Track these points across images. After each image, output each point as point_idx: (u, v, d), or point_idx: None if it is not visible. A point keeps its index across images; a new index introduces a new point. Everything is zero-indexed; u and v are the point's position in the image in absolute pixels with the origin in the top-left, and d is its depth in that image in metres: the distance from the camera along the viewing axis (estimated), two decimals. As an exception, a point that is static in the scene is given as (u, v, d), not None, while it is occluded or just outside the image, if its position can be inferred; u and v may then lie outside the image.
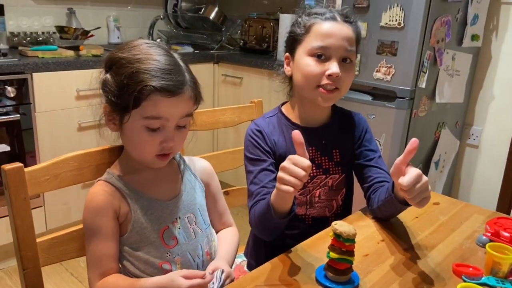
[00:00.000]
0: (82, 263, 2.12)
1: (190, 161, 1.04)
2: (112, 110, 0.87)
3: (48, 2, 2.59)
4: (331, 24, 1.04)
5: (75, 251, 0.96)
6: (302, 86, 1.07)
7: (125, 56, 0.85)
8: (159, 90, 0.81)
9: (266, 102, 1.47)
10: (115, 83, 0.85)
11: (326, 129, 1.13)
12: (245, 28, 2.84)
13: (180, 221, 0.94)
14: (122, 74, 0.84)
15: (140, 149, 0.88)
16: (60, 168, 0.91)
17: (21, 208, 0.85)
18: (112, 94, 0.85)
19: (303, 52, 1.05)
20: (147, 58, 0.84)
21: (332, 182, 1.12)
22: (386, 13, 1.91)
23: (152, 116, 0.83)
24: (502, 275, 0.85)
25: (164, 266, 0.90)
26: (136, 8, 3.03)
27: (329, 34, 1.02)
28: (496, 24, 2.21)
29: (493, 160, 2.32)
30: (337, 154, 1.13)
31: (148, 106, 0.82)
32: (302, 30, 1.06)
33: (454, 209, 1.17)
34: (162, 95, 0.82)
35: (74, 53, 2.24)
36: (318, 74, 1.03)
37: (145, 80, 0.81)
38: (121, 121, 0.86)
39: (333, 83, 1.03)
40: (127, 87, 0.82)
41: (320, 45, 1.02)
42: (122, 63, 0.85)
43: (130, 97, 0.82)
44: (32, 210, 0.88)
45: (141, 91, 0.81)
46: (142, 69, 0.82)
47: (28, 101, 2.00)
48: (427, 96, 2.02)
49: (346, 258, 0.80)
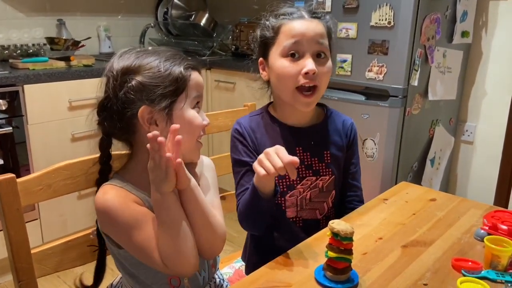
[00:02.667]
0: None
1: (200, 162, 1.01)
2: (154, 110, 0.84)
3: (38, 14, 2.58)
4: (300, 22, 1.03)
5: (71, 261, 0.95)
6: (280, 89, 1.07)
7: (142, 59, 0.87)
8: (193, 67, 0.89)
9: (259, 106, 1.46)
10: (154, 75, 0.85)
11: (314, 130, 1.12)
12: (236, 33, 2.84)
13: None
14: (155, 66, 0.85)
15: (194, 131, 0.90)
16: (53, 177, 0.91)
17: (15, 219, 0.84)
18: (164, 86, 0.84)
19: (276, 54, 1.05)
20: (160, 51, 0.88)
21: (322, 184, 1.12)
22: (376, 13, 1.92)
23: (197, 95, 0.89)
24: (501, 268, 0.85)
25: (172, 282, 0.89)
26: (126, 17, 3.03)
27: (300, 31, 1.02)
28: (485, 20, 2.23)
29: (489, 155, 2.32)
30: (328, 155, 1.12)
31: (192, 84, 0.88)
32: (271, 33, 1.05)
33: (451, 204, 1.17)
34: (196, 71, 0.90)
35: (65, 64, 2.23)
36: (294, 74, 1.02)
37: (180, 63, 0.87)
38: (170, 111, 0.85)
39: (311, 81, 1.02)
40: (170, 75, 0.85)
41: (292, 42, 1.02)
42: (147, 63, 0.86)
43: (178, 81, 0.85)
44: (27, 223, 0.87)
45: (183, 72, 0.86)
46: (167, 56, 0.87)
47: (20, 114, 1.99)
48: (420, 94, 2.02)
49: (345, 257, 0.80)
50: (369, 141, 2.04)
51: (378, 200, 1.19)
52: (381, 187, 1.99)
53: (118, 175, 0.90)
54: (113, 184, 0.87)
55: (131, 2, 3.04)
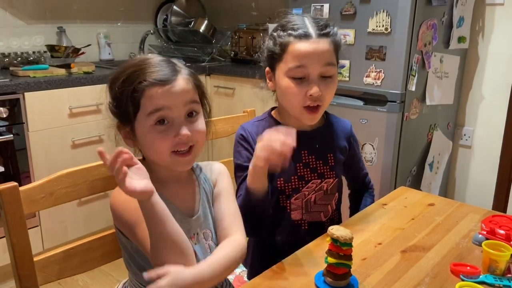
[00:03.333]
0: (80, 282, 2.11)
1: (208, 167, 1.01)
2: (123, 125, 0.88)
3: (38, 22, 2.60)
4: (306, 44, 1.02)
5: (73, 269, 0.95)
6: (286, 104, 1.10)
7: (116, 71, 0.88)
8: (152, 82, 0.82)
9: (259, 111, 1.47)
10: (112, 97, 0.87)
11: (318, 133, 1.14)
12: (235, 40, 2.86)
13: (197, 237, 0.92)
14: (116, 87, 0.85)
15: (156, 149, 0.85)
16: (55, 185, 0.91)
17: (17, 227, 0.85)
18: (114, 107, 0.87)
19: (282, 72, 1.06)
20: (140, 61, 0.86)
21: (327, 187, 1.13)
22: (373, 19, 1.93)
23: (153, 109, 0.82)
24: (499, 273, 0.86)
25: None
26: (126, 24, 3.05)
27: (305, 54, 1.02)
28: (482, 25, 2.25)
29: (487, 159, 2.34)
30: (331, 158, 1.14)
31: (146, 102, 0.83)
32: (278, 49, 1.06)
33: (449, 209, 1.18)
34: (156, 86, 0.82)
35: (65, 71, 2.24)
36: (299, 96, 1.04)
37: (136, 79, 0.83)
38: (133, 130, 0.86)
39: (315, 102, 1.04)
40: (123, 94, 0.84)
41: (297, 65, 1.02)
42: (113, 78, 0.87)
43: (128, 102, 0.83)
44: (28, 230, 0.87)
45: (135, 91, 0.82)
46: (133, 71, 0.84)
47: (21, 121, 2.00)
48: (417, 99, 2.04)
49: (344, 263, 0.81)
50: (367, 146, 2.05)
51: (377, 205, 1.20)
52: (380, 191, 2.00)
53: None
54: None
55: (131, 9, 3.06)
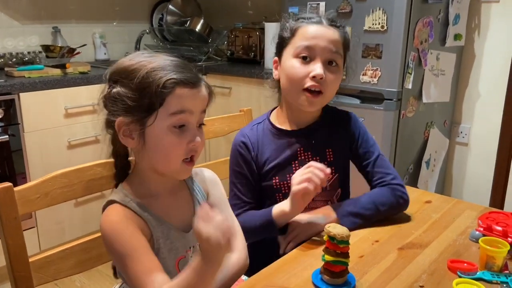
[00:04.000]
0: (77, 283, 2.10)
1: (199, 172, 0.99)
2: (131, 120, 0.81)
3: (33, 22, 2.59)
4: (316, 27, 1.05)
5: (69, 269, 0.95)
6: (287, 89, 1.08)
7: (132, 63, 0.81)
8: (183, 82, 0.79)
9: (255, 111, 1.47)
10: (132, 87, 0.79)
11: (315, 129, 1.13)
12: (231, 39, 2.85)
13: (193, 249, 0.90)
14: (137, 76, 0.79)
15: (168, 154, 0.81)
16: (50, 185, 0.91)
17: (12, 228, 0.84)
18: (132, 99, 0.79)
19: (289, 54, 1.07)
20: (156, 60, 0.81)
21: (326, 183, 1.12)
22: (369, 17, 1.93)
23: (179, 110, 0.79)
24: (496, 269, 0.86)
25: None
26: (121, 23, 3.04)
27: (314, 35, 1.04)
28: (478, 23, 2.25)
29: (484, 156, 2.34)
30: (330, 153, 1.13)
31: (173, 100, 0.79)
32: (288, 34, 1.08)
33: (446, 206, 1.18)
34: (186, 87, 0.80)
35: (60, 71, 2.23)
36: (303, 75, 1.03)
37: (166, 75, 0.78)
38: (143, 127, 0.80)
39: (317, 85, 1.03)
40: (148, 86, 0.78)
41: (305, 45, 1.03)
42: (133, 69, 0.80)
43: (154, 95, 0.78)
44: (24, 232, 0.87)
45: (164, 86, 0.77)
46: (158, 67, 0.79)
47: (16, 122, 1.99)
48: (414, 96, 2.04)
49: (341, 260, 0.81)
50: (364, 144, 2.05)
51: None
52: (378, 189, 1.99)
53: (122, 188, 0.87)
54: (118, 203, 0.83)
55: (126, 9, 3.05)
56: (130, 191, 0.86)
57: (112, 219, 0.81)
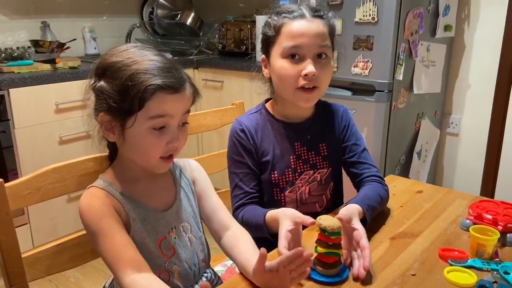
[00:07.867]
0: (72, 278, 2.09)
1: (186, 164, 1.02)
2: (112, 118, 0.83)
3: (21, 17, 2.55)
4: (300, 22, 1.03)
5: (62, 264, 0.94)
6: (281, 89, 1.08)
7: (119, 59, 0.82)
8: (163, 87, 0.80)
9: (247, 104, 1.47)
10: (114, 88, 0.81)
11: (310, 124, 1.13)
12: (222, 32, 2.84)
13: (176, 230, 0.92)
14: (120, 77, 0.80)
15: (146, 153, 0.85)
16: (41, 181, 0.90)
17: (4, 224, 0.84)
18: (113, 100, 0.81)
19: (276, 54, 1.05)
20: (143, 60, 0.82)
21: (320, 177, 1.13)
22: (360, 9, 1.93)
23: (158, 114, 0.81)
24: (487, 257, 0.87)
25: (161, 276, 0.88)
26: (111, 17, 3.01)
27: (300, 33, 1.02)
28: (468, 13, 2.26)
29: (474, 146, 2.36)
30: (324, 148, 1.14)
31: (153, 105, 0.80)
32: (272, 32, 1.06)
33: (437, 196, 1.19)
34: (167, 92, 0.80)
35: (50, 67, 2.21)
36: (294, 75, 1.02)
37: (147, 80, 0.79)
38: (123, 127, 0.82)
39: (311, 82, 1.03)
40: (130, 89, 0.79)
41: (292, 45, 1.02)
42: (118, 67, 0.82)
43: (134, 99, 0.79)
44: (17, 228, 0.86)
45: (145, 91, 0.79)
46: (142, 70, 0.80)
47: (7, 118, 1.97)
48: (405, 88, 2.05)
49: (334, 251, 0.82)
50: (357, 136, 2.06)
51: (366, 194, 1.20)
52: (370, 181, 2.01)
53: (102, 176, 0.90)
54: (95, 186, 0.87)
55: (116, 3, 3.02)
56: (112, 176, 0.90)
57: (88, 200, 0.86)
